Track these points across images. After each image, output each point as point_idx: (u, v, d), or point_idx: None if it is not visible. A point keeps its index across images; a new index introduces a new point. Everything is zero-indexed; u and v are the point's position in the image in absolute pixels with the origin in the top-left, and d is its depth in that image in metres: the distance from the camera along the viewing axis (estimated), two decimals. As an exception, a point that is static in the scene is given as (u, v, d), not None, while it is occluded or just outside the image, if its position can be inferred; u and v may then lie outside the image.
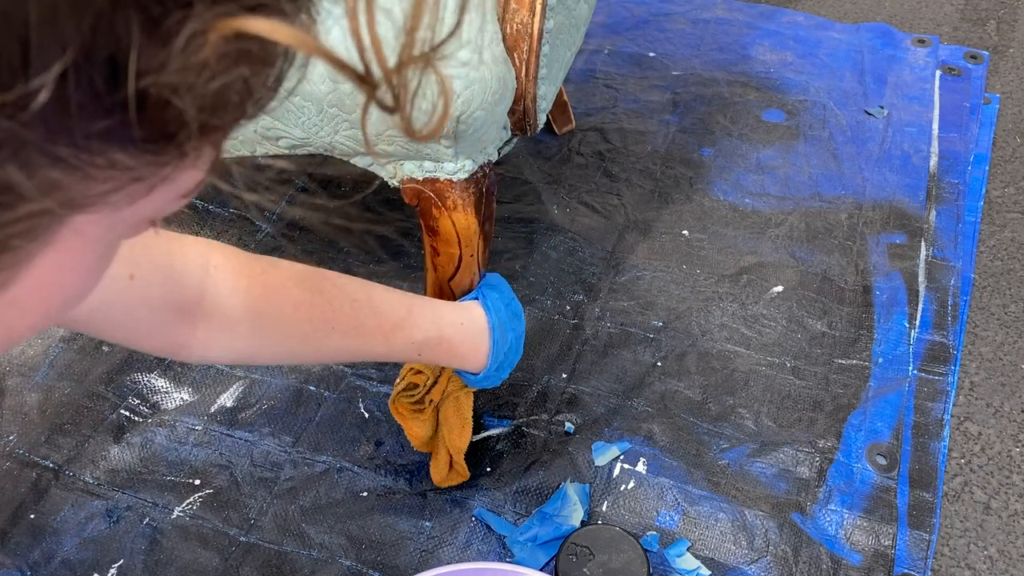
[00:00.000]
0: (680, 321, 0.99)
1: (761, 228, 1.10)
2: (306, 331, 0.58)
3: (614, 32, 1.42)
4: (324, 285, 0.59)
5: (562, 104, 1.21)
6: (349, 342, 0.60)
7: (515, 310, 0.75)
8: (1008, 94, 1.31)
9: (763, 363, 0.95)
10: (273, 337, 0.57)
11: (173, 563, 0.79)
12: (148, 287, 0.51)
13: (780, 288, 1.03)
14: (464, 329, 0.67)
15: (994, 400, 0.94)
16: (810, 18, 1.45)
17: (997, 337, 1.00)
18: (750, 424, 0.90)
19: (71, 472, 0.86)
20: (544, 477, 0.85)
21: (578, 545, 0.76)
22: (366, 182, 1.16)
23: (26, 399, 0.91)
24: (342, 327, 0.59)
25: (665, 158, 1.20)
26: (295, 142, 0.67)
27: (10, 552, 0.80)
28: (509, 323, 0.72)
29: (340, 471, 0.86)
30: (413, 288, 1.02)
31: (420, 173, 0.69)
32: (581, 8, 0.77)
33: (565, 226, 1.10)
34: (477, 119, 0.63)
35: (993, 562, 0.81)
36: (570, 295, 1.02)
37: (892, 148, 1.21)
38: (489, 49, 0.62)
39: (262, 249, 1.07)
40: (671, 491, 0.84)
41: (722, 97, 1.29)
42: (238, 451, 0.87)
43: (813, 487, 0.85)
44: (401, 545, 0.81)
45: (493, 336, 0.69)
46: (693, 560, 0.79)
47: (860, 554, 0.80)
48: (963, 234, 1.09)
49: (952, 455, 0.89)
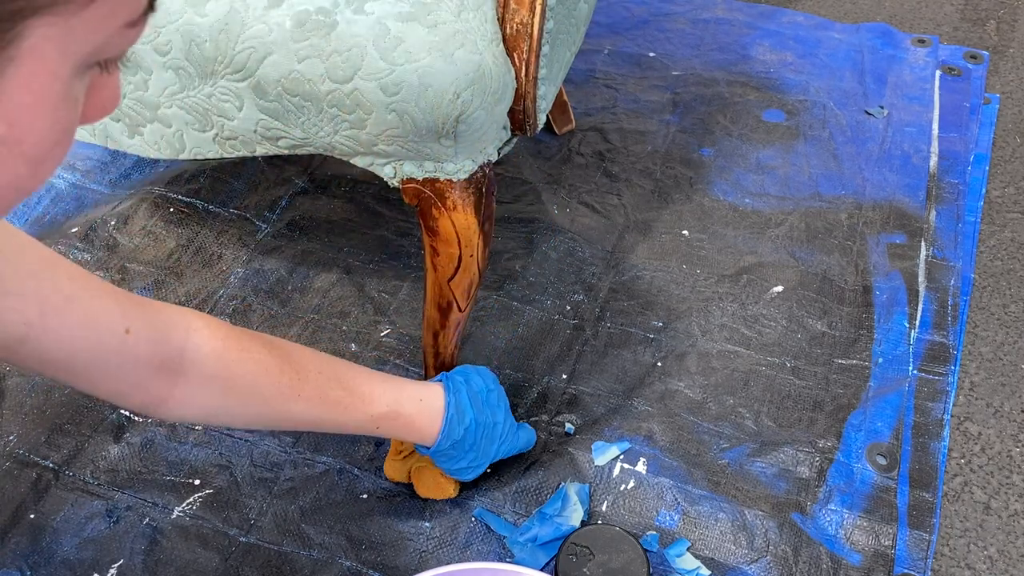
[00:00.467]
0: (680, 321, 0.99)
1: (761, 228, 1.10)
2: (273, 395, 0.63)
3: (614, 32, 1.42)
4: (294, 356, 0.65)
5: (562, 104, 1.21)
6: (312, 409, 0.65)
7: (488, 400, 0.76)
8: (1008, 94, 1.31)
9: (763, 363, 0.95)
10: (243, 398, 0.63)
11: (173, 563, 0.79)
12: (139, 343, 0.56)
13: (780, 288, 1.03)
14: (423, 406, 0.71)
15: (994, 400, 0.94)
16: (810, 18, 1.45)
17: (997, 337, 1.00)
18: (750, 424, 0.90)
19: (71, 472, 0.86)
20: (544, 477, 0.85)
21: (578, 545, 0.76)
22: (366, 182, 1.16)
23: (26, 399, 0.91)
24: (307, 395, 0.64)
25: (665, 158, 1.20)
26: (295, 142, 0.67)
27: (10, 552, 0.80)
28: (472, 407, 0.74)
29: (340, 472, 0.86)
30: (413, 288, 1.02)
31: (420, 173, 0.69)
32: (581, 8, 0.77)
33: (565, 226, 1.10)
34: (477, 119, 0.63)
35: (993, 562, 0.81)
36: (570, 295, 1.02)
37: (892, 148, 1.21)
38: (489, 49, 0.63)
39: (262, 249, 1.07)
40: (671, 491, 0.84)
41: (722, 97, 1.29)
42: (238, 451, 0.87)
43: (813, 487, 0.85)
44: (401, 545, 0.81)
45: (447, 414, 0.72)
46: (693, 560, 0.79)
47: (860, 554, 0.80)
48: (963, 234, 1.09)
49: (952, 455, 0.89)
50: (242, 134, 0.68)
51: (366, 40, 0.60)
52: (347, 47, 0.60)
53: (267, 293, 1.02)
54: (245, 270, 1.05)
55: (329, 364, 0.67)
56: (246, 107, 0.65)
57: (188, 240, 1.07)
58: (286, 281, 1.04)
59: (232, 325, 0.64)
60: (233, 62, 0.63)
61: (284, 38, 0.61)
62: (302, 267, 1.05)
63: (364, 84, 0.61)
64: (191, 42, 0.63)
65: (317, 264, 1.05)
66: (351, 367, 0.70)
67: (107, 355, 0.55)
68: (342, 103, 0.62)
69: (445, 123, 0.63)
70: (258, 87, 0.63)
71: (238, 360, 0.62)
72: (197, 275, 1.03)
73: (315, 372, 0.65)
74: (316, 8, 0.61)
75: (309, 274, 1.04)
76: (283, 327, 0.99)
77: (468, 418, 0.73)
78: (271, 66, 0.62)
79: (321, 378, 0.65)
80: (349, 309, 1.01)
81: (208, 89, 0.66)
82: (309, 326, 0.99)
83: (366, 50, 0.60)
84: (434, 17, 0.61)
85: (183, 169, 1.15)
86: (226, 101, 0.66)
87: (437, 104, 0.61)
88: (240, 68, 0.63)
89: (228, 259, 1.06)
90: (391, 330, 0.98)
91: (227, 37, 0.62)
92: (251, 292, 1.02)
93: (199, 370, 0.60)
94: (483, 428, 0.75)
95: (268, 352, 0.63)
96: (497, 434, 0.77)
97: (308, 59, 0.61)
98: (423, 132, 0.63)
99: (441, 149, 0.66)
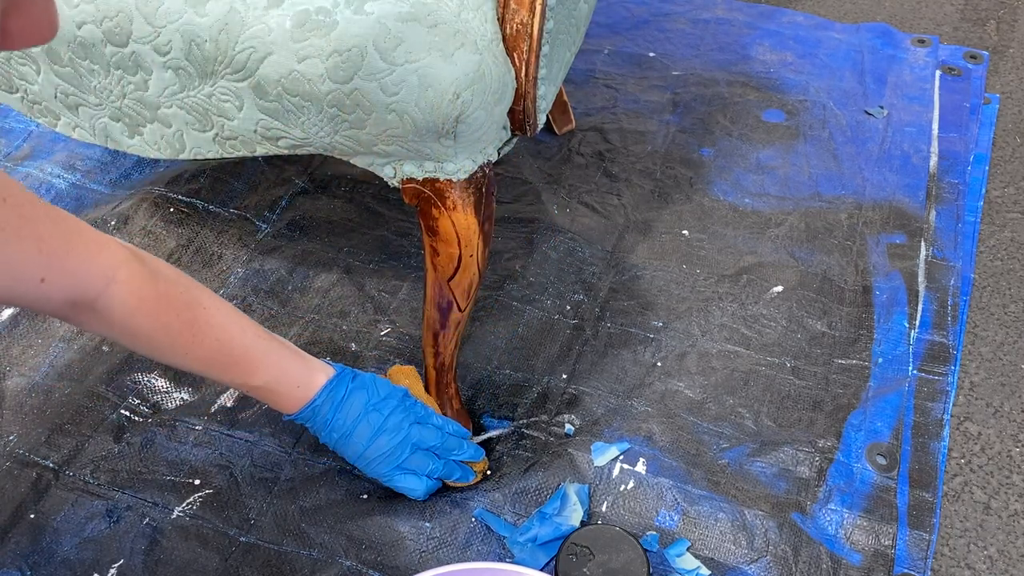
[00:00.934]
0: (680, 321, 0.99)
1: (761, 228, 1.10)
2: (165, 349, 0.70)
3: (614, 32, 1.42)
4: (200, 321, 0.70)
5: (562, 104, 1.21)
6: (195, 365, 0.72)
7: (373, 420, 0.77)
8: (1008, 94, 1.31)
9: (763, 363, 0.95)
10: (136, 343, 0.69)
11: (173, 563, 0.79)
12: (53, 290, 0.61)
13: (780, 288, 1.03)
14: (299, 391, 0.75)
15: (994, 400, 0.94)
16: (810, 18, 1.45)
17: (997, 337, 1.00)
18: (750, 424, 0.90)
19: (71, 472, 0.86)
20: (544, 478, 0.85)
21: (578, 545, 0.76)
22: (366, 182, 1.16)
23: (26, 399, 0.91)
24: (195, 355, 0.70)
25: (665, 158, 1.20)
26: (295, 142, 0.67)
27: (10, 552, 0.80)
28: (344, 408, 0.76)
29: (340, 472, 0.86)
30: (413, 288, 1.02)
31: (420, 173, 0.69)
32: (581, 8, 0.78)
33: (565, 226, 1.10)
34: (477, 119, 0.63)
35: (993, 562, 0.81)
36: (570, 295, 1.02)
37: (892, 148, 1.21)
38: (489, 49, 0.63)
39: (262, 249, 1.07)
40: (671, 491, 0.84)
41: (722, 97, 1.29)
42: (238, 451, 0.87)
43: (813, 487, 0.85)
44: (401, 545, 0.81)
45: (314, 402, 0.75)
46: (693, 560, 0.79)
47: (860, 554, 0.80)
48: (963, 234, 1.09)
49: (952, 455, 0.89)
50: (242, 134, 0.68)
51: (366, 40, 0.60)
52: (347, 47, 0.60)
53: (267, 293, 1.02)
54: (245, 270, 1.05)
55: (229, 335, 0.71)
56: (246, 107, 0.66)
57: (188, 240, 1.07)
58: (286, 281, 1.04)
59: (160, 279, 0.67)
60: (233, 62, 0.63)
61: (284, 38, 0.61)
62: (302, 267, 1.05)
63: (364, 84, 0.61)
64: (191, 42, 0.63)
65: (317, 264, 1.05)
66: (254, 337, 0.73)
67: (21, 296, 0.60)
68: (342, 103, 0.62)
69: (445, 123, 0.63)
70: (258, 87, 0.64)
71: (145, 321, 0.67)
72: (197, 275, 1.03)
73: (212, 339, 0.70)
74: (316, 8, 0.61)
75: (309, 274, 1.04)
76: (283, 327, 0.99)
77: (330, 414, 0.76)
78: (271, 66, 0.62)
79: (216, 345, 0.71)
80: (349, 309, 1.01)
81: (208, 89, 0.66)
82: (309, 326, 0.99)
83: (366, 50, 0.60)
84: (434, 17, 0.61)
85: (183, 169, 1.15)
86: (226, 101, 0.66)
87: (437, 104, 0.61)
88: (240, 68, 0.63)
89: (228, 259, 1.06)
90: (391, 330, 0.98)
91: (227, 37, 0.62)
92: (251, 292, 1.02)
93: (105, 317, 0.65)
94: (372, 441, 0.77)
95: (176, 316, 0.68)
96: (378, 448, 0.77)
97: (308, 59, 0.61)
98: (423, 132, 0.63)
99: (441, 149, 0.66)
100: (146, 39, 0.65)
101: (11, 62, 0.73)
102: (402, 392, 0.80)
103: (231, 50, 0.63)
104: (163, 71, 0.66)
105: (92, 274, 0.63)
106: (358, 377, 0.78)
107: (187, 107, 0.68)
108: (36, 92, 0.74)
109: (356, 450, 0.77)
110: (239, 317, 0.73)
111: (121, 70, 0.68)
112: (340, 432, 0.76)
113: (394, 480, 0.79)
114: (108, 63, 0.68)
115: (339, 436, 0.77)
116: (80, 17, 0.66)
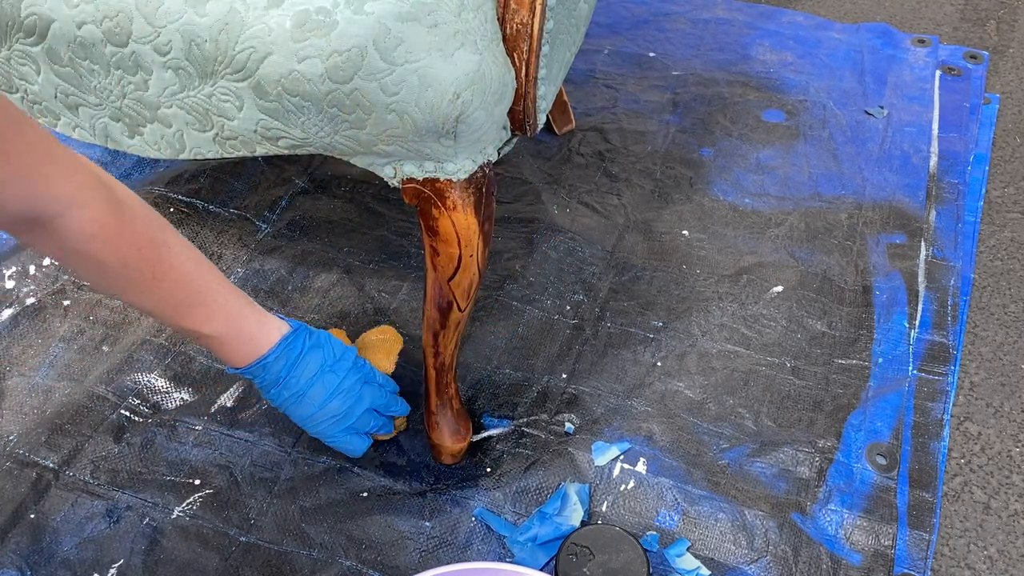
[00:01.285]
0: (680, 321, 0.99)
1: (761, 228, 1.10)
2: (118, 282, 0.66)
3: (614, 32, 1.43)
4: (163, 263, 0.67)
5: (562, 104, 1.21)
6: (144, 303, 0.69)
7: (328, 382, 0.76)
8: (1008, 94, 1.31)
9: (763, 363, 0.95)
10: (88, 273, 0.66)
11: (173, 563, 0.80)
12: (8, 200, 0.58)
13: (780, 288, 1.03)
14: (251, 345, 0.73)
15: (994, 400, 0.94)
16: (810, 18, 1.45)
17: (997, 337, 1.00)
18: (750, 424, 0.90)
19: (71, 472, 0.86)
20: (544, 477, 0.85)
21: (578, 545, 0.76)
22: (366, 182, 1.16)
23: (26, 399, 0.91)
24: (149, 294, 0.67)
25: (665, 158, 1.20)
26: (295, 142, 0.67)
27: (10, 552, 0.80)
28: (299, 370, 0.75)
29: (340, 471, 0.86)
30: (413, 288, 1.03)
31: (420, 173, 0.69)
32: (581, 8, 0.78)
33: (565, 226, 1.10)
34: (477, 119, 0.63)
35: (993, 562, 0.81)
36: (570, 295, 1.02)
37: (892, 148, 1.21)
38: (489, 49, 0.63)
39: (262, 249, 1.07)
40: (671, 491, 0.84)
41: (722, 97, 1.29)
42: (238, 451, 0.87)
43: (813, 487, 0.85)
44: (401, 545, 0.81)
45: (266, 358, 0.73)
46: (693, 560, 0.79)
47: (860, 554, 0.80)
48: (963, 234, 1.09)
49: (952, 455, 0.89)
50: (242, 134, 0.68)
51: (366, 40, 0.60)
52: (347, 47, 0.60)
53: (267, 293, 1.02)
54: (245, 270, 1.05)
55: (188, 280, 0.69)
56: (246, 107, 0.65)
57: (188, 240, 1.07)
58: (286, 281, 1.04)
59: (125, 210, 0.64)
60: (233, 62, 0.63)
61: (284, 38, 0.61)
62: (302, 267, 1.05)
63: (364, 84, 0.61)
64: (191, 42, 0.63)
65: (317, 264, 1.06)
66: (216, 283, 0.71)
67: None
68: (342, 103, 0.62)
69: (445, 123, 0.63)
70: (258, 87, 0.64)
71: (100, 248, 0.63)
72: (197, 275, 1.03)
73: (171, 282, 0.68)
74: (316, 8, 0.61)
75: (309, 274, 1.04)
76: (283, 327, 0.99)
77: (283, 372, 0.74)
78: (271, 66, 0.62)
79: (173, 288, 0.68)
80: (349, 309, 1.01)
81: (208, 89, 0.66)
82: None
83: (366, 50, 0.60)
84: (434, 17, 0.61)
85: (183, 169, 1.15)
86: (226, 101, 0.66)
87: (437, 104, 0.61)
88: (240, 68, 0.63)
89: (228, 259, 1.06)
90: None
91: (227, 37, 0.62)
92: (251, 292, 1.02)
93: (60, 243, 0.63)
94: (324, 407, 0.75)
95: (137, 252, 0.65)
96: (331, 411, 0.76)
97: (308, 59, 0.61)
98: (423, 132, 0.63)
99: (441, 149, 0.66)
100: (146, 39, 0.65)
101: (11, 62, 0.73)
102: (353, 352, 0.79)
103: (231, 50, 0.63)
104: (163, 71, 0.66)
105: (55, 195, 0.61)
106: (313, 335, 0.77)
107: (187, 107, 0.68)
108: (36, 92, 0.74)
109: (307, 411, 0.76)
110: (203, 263, 0.71)
111: (121, 70, 0.68)
112: (292, 391, 0.74)
113: (338, 440, 0.79)
114: (108, 63, 0.68)
115: (290, 395, 0.75)
116: (80, 17, 0.66)
